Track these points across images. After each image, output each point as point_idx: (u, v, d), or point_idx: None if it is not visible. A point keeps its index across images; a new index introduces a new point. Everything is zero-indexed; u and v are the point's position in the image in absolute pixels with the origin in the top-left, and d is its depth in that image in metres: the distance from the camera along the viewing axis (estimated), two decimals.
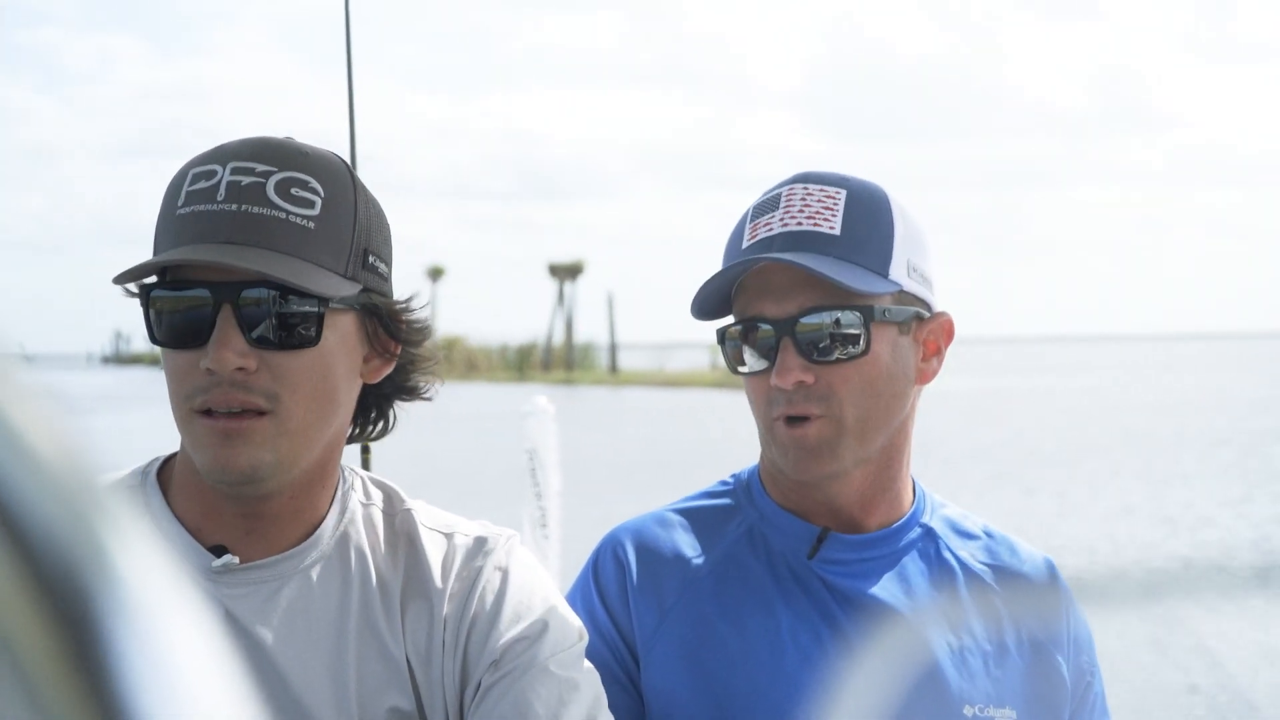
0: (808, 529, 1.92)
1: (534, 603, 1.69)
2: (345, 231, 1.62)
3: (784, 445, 1.86)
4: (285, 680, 1.60)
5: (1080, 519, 17.53)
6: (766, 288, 1.86)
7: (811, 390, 1.84)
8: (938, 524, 1.98)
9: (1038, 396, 53.08)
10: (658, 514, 1.99)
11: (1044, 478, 22.35)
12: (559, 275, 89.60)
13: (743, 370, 1.89)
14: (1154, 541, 15.54)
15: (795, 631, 1.88)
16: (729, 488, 2.01)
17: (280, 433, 1.58)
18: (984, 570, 1.97)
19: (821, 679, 1.83)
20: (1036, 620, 1.95)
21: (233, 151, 1.61)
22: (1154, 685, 8.96)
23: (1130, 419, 37.06)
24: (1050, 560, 2.02)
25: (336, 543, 1.67)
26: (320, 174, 1.62)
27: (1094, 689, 1.99)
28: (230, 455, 1.56)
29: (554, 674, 1.65)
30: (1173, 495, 19.84)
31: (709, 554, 1.93)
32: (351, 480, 1.74)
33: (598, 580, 1.94)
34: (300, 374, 1.58)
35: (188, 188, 1.59)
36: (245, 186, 1.57)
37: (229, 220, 1.56)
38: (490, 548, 1.71)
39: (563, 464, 6.86)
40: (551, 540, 6.78)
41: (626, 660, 1.91)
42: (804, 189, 1.90)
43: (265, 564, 1.63)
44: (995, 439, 30.42)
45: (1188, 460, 25.11)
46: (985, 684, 1.88)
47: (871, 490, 1.92)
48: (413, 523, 1.72)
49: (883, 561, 1.93)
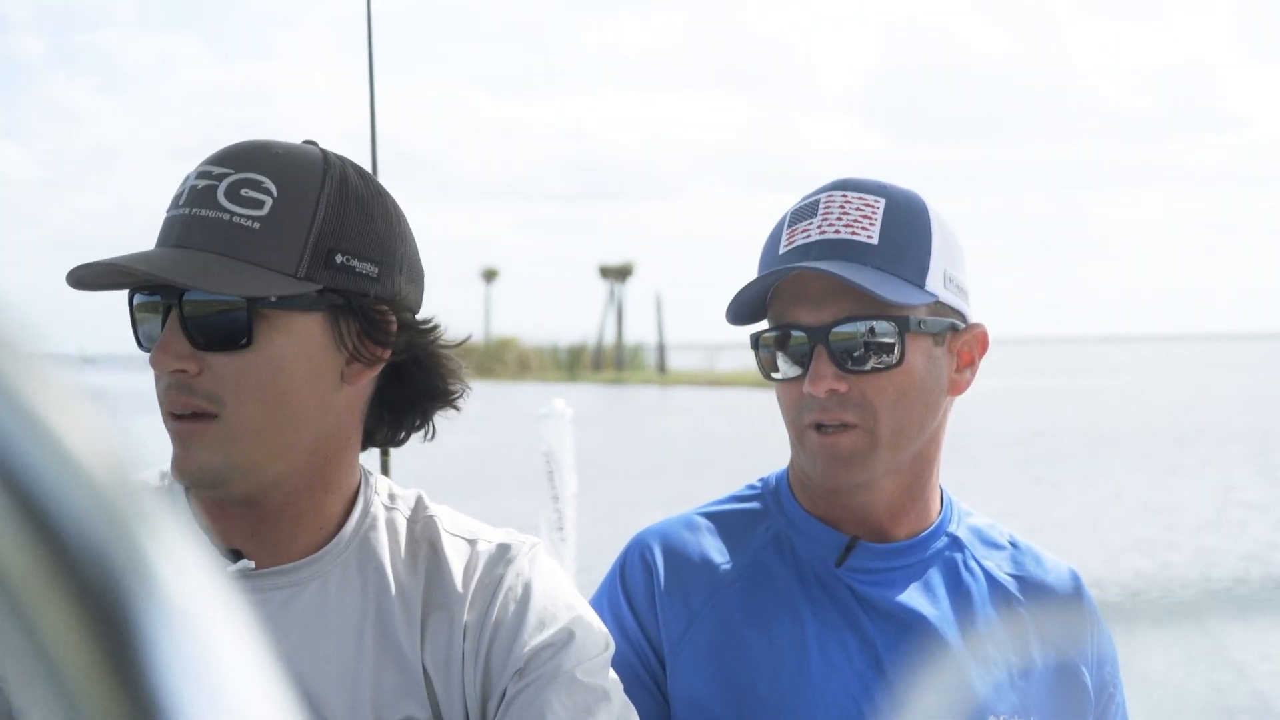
0: (836, 537, 1.91)
1: (559, 610, 1.66)
2: (299, 231, 1.58)
3: (814, 453, 1.84)
4: (300, 688, 1.59)
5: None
6: (802, 295, 1.84)
7: (845, 399, 1.82)
8: (964, 533, 1.97)
9: (1105, 393, 52.89)
10: (685, 517, 1.98)
11: (1113, 475, 22.34)
12: (609, 277, 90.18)
13: (775, 377, 1.88)
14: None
15: (822, 639, 1.87)
16: (757, 492, 2.00)
17: (229, 436, 1.56)
18: (1010, 581, 1.95)
19: (847, 688, 1.83)
20: (1061, 632, 1.94)
21: (212, 157, 1.62)
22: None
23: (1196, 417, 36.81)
24: (1075, 572, 2.01)
25: (356, 549, 1.65)
26: (281, 175, 1.59)
27: (1115, 700, 1.98)
28: (183, 457, 1.57)
29: (580, 681, 1.62)
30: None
31: (737, 559, 1.92)
32: (375, 485, 1.72)
33: (624, 583, 1.92)
34: (243, 376, 1.56)
35: (176, 190, 1.62)
36: (200, 190, 1.58)
37: (180, 224, 1.58)
38: (513, 555, 1.68)
39: (594, 463, 7.02)
40: (568, 543, 6.69)
41: (652, 664, 1.89)
42: (843, 196, 1.89)
43: (282, 570, 1.62)
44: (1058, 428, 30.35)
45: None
46: (1010, 694, 1.87)
47: (901, 499, 1.91)
48: (435, 529, 1.69)
49: (910, 571, 1.91)
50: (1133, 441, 29.47)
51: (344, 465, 1.67)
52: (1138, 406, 43.37)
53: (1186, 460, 25.16)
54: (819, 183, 1.97)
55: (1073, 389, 58.12)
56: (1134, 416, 38.18)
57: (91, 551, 0.45)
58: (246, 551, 1.62)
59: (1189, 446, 28.11)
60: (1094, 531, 16.35)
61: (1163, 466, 24.10)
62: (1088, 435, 30.77)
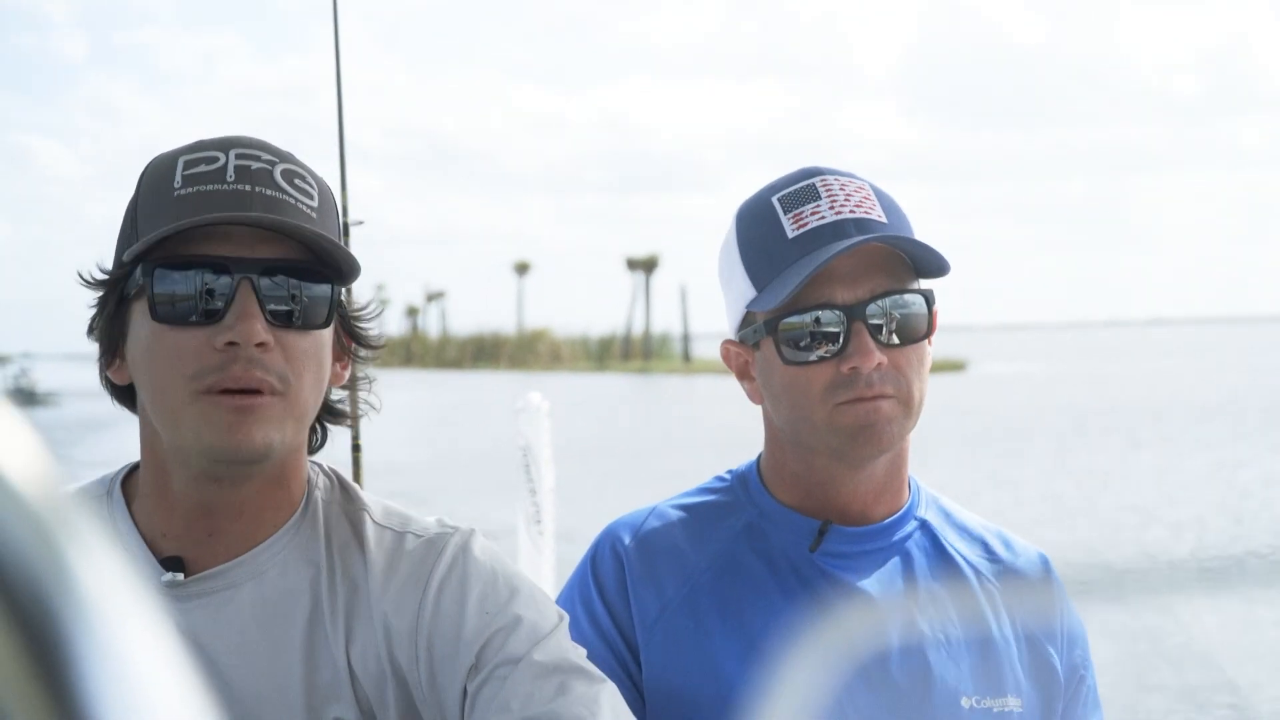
0: (809, 524, 1.88)
1: (499, 595, 1.57)
2: (335, 226, 1.59)
3: (853, 425, 1.79)
4: (234, 692, 1.53)
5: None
6: (832, 275, 1.80)
7: (885, 373, 1.80)
8: (933, 516, 1.94)
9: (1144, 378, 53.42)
10: (654, 508, 1.95)
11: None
12: (636, 268, 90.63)
13: (809, 360, 1.81)
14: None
15: (795, 625, 1.81)
16: (726, 484, 1.96)
17: (289, 415, 1.54)
18: (979, 563, 1.93)
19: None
20: (1030, 613, 1.91)
21: (231, 141, 1.57)
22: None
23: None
24: (1044, 555, 1.99)
25: (294, 544, 1.60)
26: (312, 170, 1.60)
27: (1087, 683, 1.94)
28: (246, 432, 1.51)
29: (540, 663, 1.52)
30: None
31: (708, 548, 1.89)
32: (316, 477, 1.66)
33: (596, 575, 1.89)
34: (308, 356, 1.55)
35: (185, 172, 1.54)
36: (254, 170, 1.54)
37: (246, 199, 1.52)
38: (443, 545, 1.61)
39: (610, 448, 7.54)
40: (546, 536, 6.56)
41: (624, 655, 1.86)
42: (835, 179, 1.87)
43: (216, 573, 1.57)
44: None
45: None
46: (982, 676, 1.85)
47: (886, 477, 1.89)
48: (365, 521, 1.63)
49: (882, 554, 1.89)
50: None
51: (304, 455, 1.64)
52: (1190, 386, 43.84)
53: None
54: (857, 170, 1.92)
55: (1123, 373, 58.71)
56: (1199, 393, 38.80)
57: (16, 563, 0.46)
58: (199, 553, 1.57)
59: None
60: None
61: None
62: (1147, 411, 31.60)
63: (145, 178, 1.58)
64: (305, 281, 1.54)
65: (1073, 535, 15.95)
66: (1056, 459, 23.45)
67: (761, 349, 1.87)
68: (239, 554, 1.58)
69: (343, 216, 2.06)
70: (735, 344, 1.93)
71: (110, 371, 1.61)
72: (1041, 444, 25.03)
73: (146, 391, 1.56)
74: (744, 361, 1.91)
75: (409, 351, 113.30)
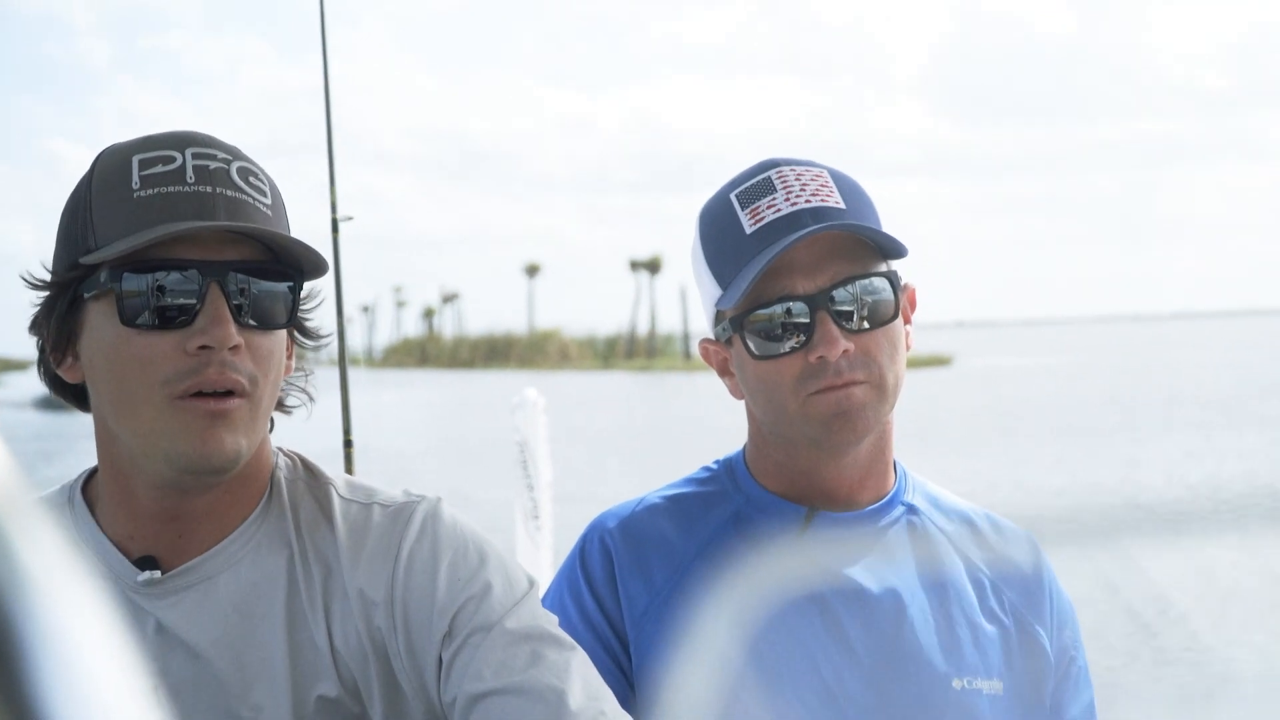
0: (796, 510, 1.86)
1: (469, 562, 1.54)
2: (287, 221, 1.56)
3: (826, 413, 1.77)
4: (224, 683, 1.51)
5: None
6: (792, 266, 1.77)
7: (853, 359, 1.76)
8: (920, 500, 1.92)
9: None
10: (642, 499, 1.92)
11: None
12: (639, 269, 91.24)
13: (778, 353, 1.78)
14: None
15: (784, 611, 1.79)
16: (713, 473, 1.93)
17: (255, 417, 1.50)
18: (967, 545, 1.91)
19: (811, 657, 1.78)
20: (1019, 594, 1.88)
21: (183, 138, 1.53)
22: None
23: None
24: (1031, 535, 1.96)
25: (264, 528, 1.57)
26: (260, 166, 1.56)
27: (1077, 663, 1.91)
28: (217, 440, 1.47)
29: (512, 631, 1.50)
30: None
31: (696, 537, 1.87)
32: (276, 459, 1.62)
33: (584, 566, 1.87)
34: (272, 355, 1.52)
35: (141, 172, 1.49)
36: (213, 171, 1.50)
37: (209, 200, 1.48)
38: (410, 514, 1.57)
39: (607, 440, 7.62)
40: (544, 531, 6.49)
41: (614, 646, 1.84)
42: (791, 170, 1.84)
43: (190, 567, 1.53)
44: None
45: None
46: (972, 657, 1.82)
47: (869, 461, 1.85)
48: (331, 496, 1.59)
49: (870, 538, 1.87)
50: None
51: (266, 447, 1.60)
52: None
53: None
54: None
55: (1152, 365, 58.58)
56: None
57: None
58: (169, 553, 1.54)
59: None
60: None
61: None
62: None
63: (96, 175, 1.52)
64: (268, 281, 1.51)
65: (1038, 499, 16.32)
66: (1052, 444, 23.64)
67: (734, 345, 1.85)
68: (211, 546, 1.55)
69: (331, 213, 2.00)
70: (712, 342, 1.91)
71: (62, 370, 1.55)
72: (1037, 431, 25.11)
73: (109, 396, 1.50)
74: (722, 359, 1.89)
75: (424, 352, 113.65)
